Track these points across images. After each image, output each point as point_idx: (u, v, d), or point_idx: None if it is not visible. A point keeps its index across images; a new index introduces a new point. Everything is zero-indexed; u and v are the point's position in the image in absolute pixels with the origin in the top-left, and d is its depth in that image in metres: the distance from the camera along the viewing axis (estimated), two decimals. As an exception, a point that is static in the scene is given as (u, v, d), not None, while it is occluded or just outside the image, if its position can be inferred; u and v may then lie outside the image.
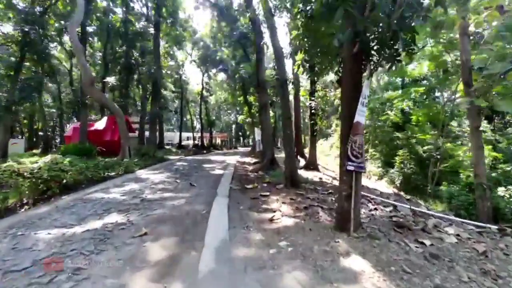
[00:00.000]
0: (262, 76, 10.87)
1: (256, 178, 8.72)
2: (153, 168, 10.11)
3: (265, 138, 11.09)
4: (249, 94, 18.96)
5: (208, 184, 7.04)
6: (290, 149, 6.88)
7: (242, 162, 14.71)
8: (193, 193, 5.77)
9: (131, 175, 8.28)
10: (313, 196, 6.11)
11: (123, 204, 4.66)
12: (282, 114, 6.93)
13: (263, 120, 11.07)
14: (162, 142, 24.24)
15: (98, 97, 9.90)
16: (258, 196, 5.76)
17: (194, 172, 9.19)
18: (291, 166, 6.81)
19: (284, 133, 6.90)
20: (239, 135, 60.54)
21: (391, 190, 11.73)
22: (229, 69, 26.38)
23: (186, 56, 33.61)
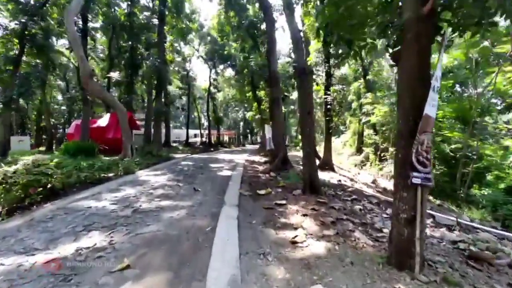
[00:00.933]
0: (274, 67, 9.88)
1: (268, 180, 7.80)
2: (155, 169, 9.33)
3: (277, 135, 10.13)
4: (258, 89, 17.99)
5: (215, 188, 6.16)
6: (309, 149, 5.92)
7: (251, 161, 13.81)
8: (197, 201, 4.89)
9: (130, 177, 7.51)
10: (337, 205, 5.14)
11: (110, 217, 3.83)
12: (301, 108, 5.96)
13: (275, 116, 10.11)
14: (169, 140, 23.62)
15: (98, 92, 9.20)
16: (273, 205, 4.83)
17: (199, 174, 8.34)
18: (311, 169, 5.85)
19: (302, 131, 5.94)
20: (246, 133, 59.73)
21: (416, 193, 10.55)
22: (237, 65, 25.48)
23: (193, 52, 32.88)
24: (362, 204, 6.10)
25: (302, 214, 4.38)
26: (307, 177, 5.87)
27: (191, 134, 47.95)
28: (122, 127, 10.43)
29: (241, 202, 5.05)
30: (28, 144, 19.23)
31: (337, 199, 6.13)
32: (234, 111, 54.75)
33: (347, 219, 4.31)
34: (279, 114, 10.04)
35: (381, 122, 14.17)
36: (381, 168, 14.84)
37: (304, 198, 5.44)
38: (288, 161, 10.02)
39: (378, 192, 8.45)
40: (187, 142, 29.38)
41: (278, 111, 10.04)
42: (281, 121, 10.17)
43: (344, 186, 8.47)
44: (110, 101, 9.82)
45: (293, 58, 8.53)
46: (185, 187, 6.14)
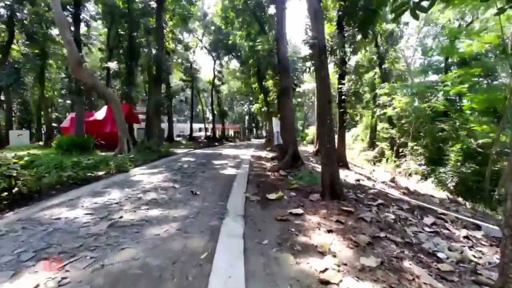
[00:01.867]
0: (284, 53, 8.79)
1: (277, 180, 6.84)
2: (152, 166, 8.46)
3: (287, 129, 9.12)
4: (265, 80, 16.87)
5: (216, 191, 5.24)
6: (330, 145, 4.90)
7: (257, 157, 12.86)
8: (193, 209, 3.97)
9: (121, 176, 6.64)
10: (367, 215, 4.14)
11: (77, 236, 2.93)
12: (319, 95, 4.93)
13: (284, 108, 9.08)
14: (172, 134, 22.84)
15: (88, 81, 8.31)
16: (287, 216, 3.88)
17: (200, 172, 7.43)
18: (332, 169, 4.85)
19: (321, 123, 4.93)
20: (252, 127, 58.80)
21: (443, 194, 9.46)
22: (242, 55, 24.31)
23: (197, 42, 31.76)
24: (392, 211, 5.09)
25: (326, 229, 3.41)
26: (327, 179, 4.88)
27: (195, 128, 47.21)
28: (117, 120, 9.57)
29: (248, 210, 4.11)
30: (28, 138, 18.67)
31: (361, 205, 5.13)
32: (239, 105, 53.75)
33: (386, 237, 3.32)
34: (289, 105, 8.99)
35: (400, 114, 12.97)
36: (398, 164, 13.70)
37: (324, 206, 4.46)
38: (300, 158, 9.02)
39: (404, 194, 7.40)
40: (191, 137, 28.59)
41: (288, 102, 8.99)
42: (291, 113, 9.14)
43: (364, 187, 7.44)
44: (103, 91, 8.95)
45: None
46: (182, 190, 5.22)
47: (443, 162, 11.36)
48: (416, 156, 12.27)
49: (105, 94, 9.09)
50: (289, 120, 9.05)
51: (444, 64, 17.01)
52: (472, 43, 11.86)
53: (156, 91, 12.29)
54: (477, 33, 11.52)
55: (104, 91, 9.01)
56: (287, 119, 9.06)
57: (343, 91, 10.77)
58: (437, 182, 10.56)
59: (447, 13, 14.73)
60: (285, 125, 9.18)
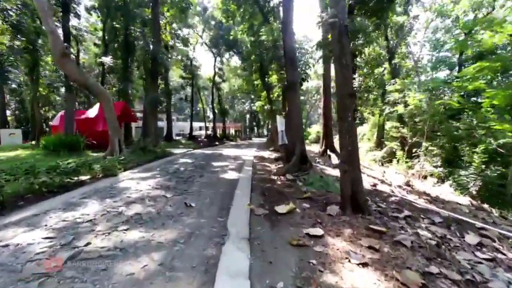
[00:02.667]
0: (291, 43, 7.92)
1: (285, 186, 6.00)
2: (145, 169, 7.64)
3: (293, 127, 8.27)
4: (267, 76, 16.01)
5: (215, 201, 4.41)
6: (352, 147, 4.06)
7: (260, 158, 12.02)
8: (185, 230, 3.15)
9: (107, 181, 5.83)
10: (403, 236, 3.30)
11: (17, 277, 2.11)
12: (339, 88, 4.07)
13: (291, 104, 8.23)
14: (171, 133, 22.03)
15: (73, 74, 7.49)
16: (303, 237, 3.05)
17: (197, 176, 6.60)
18: (354, 176, 4.01)
19: (341, 120, 4.07)
20: (253, 125, 57.97)
21: (464, 199, 8.60)
22: (243, 51, 23.46)
23: (197, 38, 30.88)
24: (424, 226, 4.25)
25: (358, 261, 2.57)
26: (348, 189, 4.04)
27: (196, 126, 46.38)
28: (107, 118, 8.75)
29: (254, 229, 3.28)
30: (20, 137, 17.91)
31: (386, 217, 4.31)
32: (240, 103, 52.91)
33: (440, 273, 2.48)
34: (295, 102, 8.13)
35: (413, 112, 12.08)
36: (410, 166, 12.83)
37: (347, 223, 3.62)
38: (308, 160, 8.18)
39: (428, 202, 6.55)
40: (190, 136, 27.78)
41: (295, 98, 8.13)
42: (298, 110, 8.29)
43: (382, 193, 6.60)
44: (91, 86, 8.10)
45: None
46: (175, 200, 4.40)
47: (461, 164, 10.51)
48: (431, 157, 11.39)
49: (93, 88, 8.25)
50: (296, 118, 8.20)
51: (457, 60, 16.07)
52: (493, 34, 10.92)
53: (153, 87, 11.43)
54: (499, 23, 10.59)
55: (92, 85, 8.16)
56: (293, 116, 8.21)
57: (355, 87, 9.90)
58: (456, 186, 9.69)
59: (462, 3, 13.79)
60: (291, 123, 8.33)
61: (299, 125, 8.34)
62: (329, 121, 14.08)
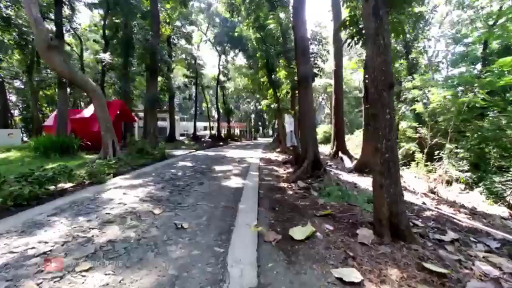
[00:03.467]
0: (303, 31, 6.99)
1: (299, 197, 5.10)
2: (138, 174, 6.82)
3: (305, 127, 7.34)
4: (274, 72, 15.08)
5: (213, 221, 3.53)
6: (391, 155, 3.13)
7: (267, 160, 11.13)
8: (168, 273, 2.27)
9: (91, 190, 5.02)
10: (475, 285, 2.36)
11: None
12: (374, 76, 3.14)
13: (303, 101, 7.30)
14: (173, 133, 21.32)
15: (60, 68, 6.72)
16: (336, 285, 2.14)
17: (196, 184, 5.74)
18: (394, 193, 3.09)
19: (377, 119, 3.14)
20: (258, 125, 57.10)
21: (500, 209, 7.52)
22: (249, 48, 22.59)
23: (201, 36, 30.15)
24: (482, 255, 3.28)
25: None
26: (385, 209, 3.11)
27: (200, 126, 45.71)
28: (100, 117, 7.99)
29: (264, 268, 2.39)
30: (19, 138, 17.39)
31: (429, 243, 3.37)
32: (246, 103, 52.04)
33: None
34: (308, 98, 7.20)
35: (436, 110, 11.00)
36: (431, 169, 11.72)
37: (389, 257, 2.69)
38: (321, 164, 7.24)
39: (470, 217, 5.54)
40: (194, 136, 27.05)
41: (307, 94, 7.20)
42: (311, 109, 7.36)
43: (412, 205, 5.62)
44: (80, 81, 7.32)
45: None
46: (163, 219, 3.54)
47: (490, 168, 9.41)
48: (456, 160, 10.29)
49: (82, 84, 7.47)
50: (308, 117, 7.26)
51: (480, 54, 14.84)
52: None
53: (152, 85, 10.64)
54: None
55: (80, 81, 7.38)
56: (306, 115, 7.28)
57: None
58: (488, 193, 8.60)
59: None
60: (303, 123, 7.40)
61: (312, 125, 7.41)
62: (340, 120, 13.08)
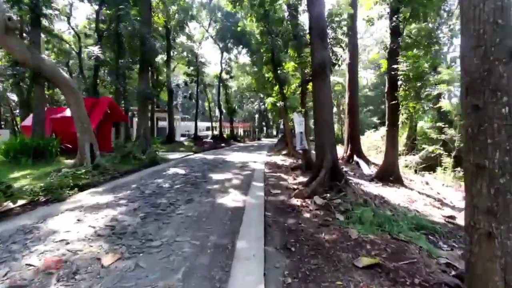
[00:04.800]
0: (319, 9, 5.60)
1: (319, 222, 3.72)
2: (114, 187, 5.48)
3: (321, 127, 5.94)
4: (280, 68, 13.69)
5: (192, 282, 2.16)
6: (510, 176, 1.69)
7: (273, 165, 9.76)
8: None
9: (36, 214, 3.70)
10: None
11: None
12: (482, 33, 1.76)
13: (319, 97, 5.91)
14: (172, 134, 20.08)
15: (21, 55, 5.46)
16: None
17: (182, 203, 4.39)
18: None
19: (483, 115, 1.75)
20: (262, 125, 55.72)
21: None
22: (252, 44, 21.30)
23: (204, 33, 28.92)
24: None
25: None
26: (499, 281, 1.69)
27: (202, 126, 44.44)
28: (75, 116, 6.72)
29: None
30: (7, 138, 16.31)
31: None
32: (249, 102, 50.74)
33: None
34: (325, 92, 5.80)
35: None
36: (461, 176, 10.18)
37: None
38: (342, 174, 5.83)
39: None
40: (195, 136, 25.79)
41: (324, 88, 5.80)
42: (329, 105, 5.95)
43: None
44: (48, 71, 6.00)
45: None
46: (110, 278, 2.18)
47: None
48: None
49: (52, 75, 6.17)
50: (325, 114, 5.86)
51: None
52: None
53: (142, 79, 9.35)
54: None
55: (51, 71, 6.08)
56: (322, 112, 5.87)
57: (399, 75, 7.46)
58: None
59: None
60: (319, 122, 5.99)
61: (330, 125, 6.00)
62: (355, 120, 11.64)
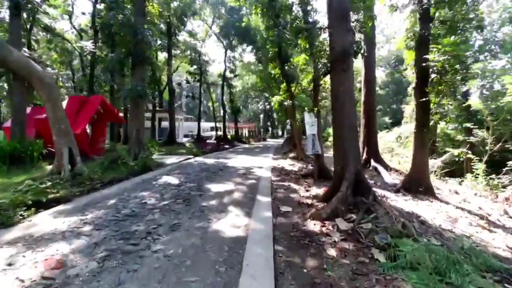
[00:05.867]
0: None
1: (354, 273, 2.58)
2: (86, 204, 4.46)
3: (342, 129, 4.83)
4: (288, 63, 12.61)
5: None
6: None
7: (280, 171, 8.67)
8: None
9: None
10: None
11: None
12: None
13: (338, 89, 4.81)
14: (173, 135, 19.14)
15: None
16: None
17: (165, 230, 3.34)
18: None
19: None
20: (267, 126, 54.60)
21: None
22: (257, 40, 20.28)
23: (207, 31, 28.01)
24: None
25: None
26: None
27: (207, 127, 43.51)
28: (49, 115, 5.76)
29: None
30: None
31: None
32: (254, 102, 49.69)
33: None
34: (347, 85, 4.69)
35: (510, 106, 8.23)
36: (496, 185, 8.91)
37: None
38: (368, 187, 4.70)
39: None
40: (198, 137, 24.86)
41: (346, 79, 4.69)
42: (350, 99, 4.81)
43: None
44: (14, 64, 5.04)
45: None
46: None
47: None
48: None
49: (21, 69, 5.21)
50: (347, 113, 4.74)
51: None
52: None
53: (134, 76, 8.37)
54: None
55: (18, 64, 5.13)
56: (343, 111, 4.76)
57: (432, 66, 6.27)
58: None
59: None
60: (339, 122, 4.88)
61: (352, 127, 4.88)
62: (372, 119, 10.45)
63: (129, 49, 8.35)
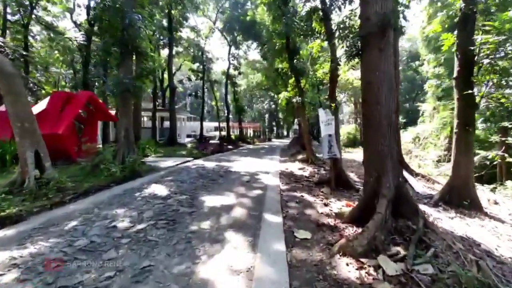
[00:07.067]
0: None
1: None
2: (37, 228, 3.38)
3: (378, 127, 3.65)
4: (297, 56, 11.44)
5: None
6: None
7: (289, 176, 7.49)
8: None
9: None
10: None
11: None
12: None
13: (371, 75, 3.62)
14: (174, 135, 18.13)
15: None
16: None
17: (124, 285, 2.19)
18: None
19: None
20: (272, 125, 53.36)
21: None
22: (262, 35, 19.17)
23: (210, 27, 26.97)
24: None
25: None
26: None
27: (211, 126, 42.52)
28: (10, 112, 4.72)
29: None
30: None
31: None
32: (259, 102, 48.52)
33: None
34: (385, 71, 3.52)
35: None
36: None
37: None
38: (415, 207, 3.51)
39: None
40: (201, 137, 23.83)
41: (384, 62, 3.54)
42: (390, 86, 3.61)
43: None
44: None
45: None
46: None
47: None
48: None
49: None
50: (384, 105, 3.57)
51: None
52: None
53: (123, 67, 7.33)
54: None
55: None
56: (378, 101, 3.59)
57: (480, 49, 5.02)
58: None
59: None
60: (372, 119, 3.71)
61: (391, 125, 3.70)
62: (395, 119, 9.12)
63: (117, 37, 7.29)
